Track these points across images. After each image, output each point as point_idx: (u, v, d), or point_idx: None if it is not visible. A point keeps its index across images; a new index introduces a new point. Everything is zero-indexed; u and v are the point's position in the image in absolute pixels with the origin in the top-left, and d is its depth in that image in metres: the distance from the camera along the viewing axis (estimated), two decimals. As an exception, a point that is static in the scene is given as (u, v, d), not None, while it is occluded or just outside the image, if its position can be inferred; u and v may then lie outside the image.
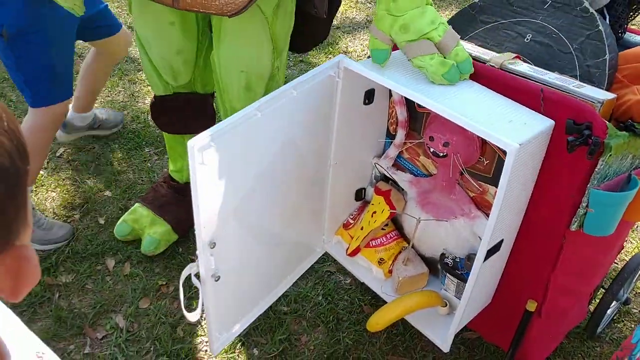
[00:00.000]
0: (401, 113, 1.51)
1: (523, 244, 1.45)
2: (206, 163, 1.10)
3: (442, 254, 1.53)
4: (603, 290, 1.82)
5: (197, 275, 1.27)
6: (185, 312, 1.27)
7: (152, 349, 1.82)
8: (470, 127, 1.18)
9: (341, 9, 3.62)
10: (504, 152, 1.17)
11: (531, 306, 1.49)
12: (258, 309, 1.53)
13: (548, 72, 1.39)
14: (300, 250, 1.63)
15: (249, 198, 1.28)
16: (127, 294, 1.96)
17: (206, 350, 1.83)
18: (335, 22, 3.51)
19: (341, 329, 1.90)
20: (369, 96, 1.50)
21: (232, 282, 1.33)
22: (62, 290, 1.97)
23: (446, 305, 1.52)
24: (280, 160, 1.33)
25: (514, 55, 1.45)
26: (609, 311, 1.85)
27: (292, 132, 1.32)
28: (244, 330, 1.84)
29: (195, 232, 1.18)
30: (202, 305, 1.28)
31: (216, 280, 1.27)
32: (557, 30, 1.46)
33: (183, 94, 1.86)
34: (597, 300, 1.84)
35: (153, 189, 2.18)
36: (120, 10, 3.53)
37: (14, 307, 1.88)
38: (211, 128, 1.09)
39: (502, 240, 1.35)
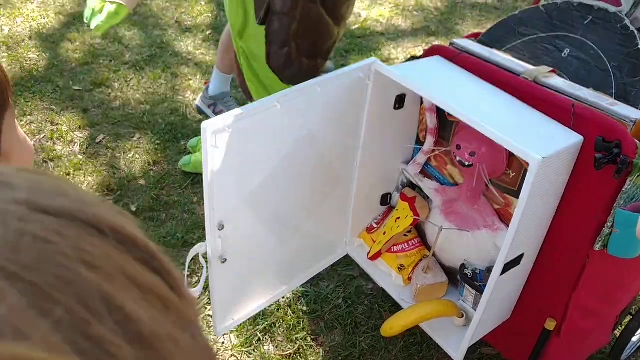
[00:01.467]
0: (431, 120, 1.51)
1: (546, 260, 1.42)
2: (219, 146, 1.12)
3: (462, 265, 1.51)
4: (630, 317, 1.77)
5: (205, 256, 1.29)
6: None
7: (171, 336, 1.85)
8: (494, 137, 1.17)
9: (387, 15, 3.63)
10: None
11: (550, 325, 1.46)
12: (268, 299, 1.55)
13: (583, 88, 1.37)
14: (319, 249, 1.63)
15: (264, 187, 1.30)
16: (151, 281, 2.01)
17: (223, 342, 1.85)
18: (380, 28, 3.52)
19: (358, 333, 1.90)
20: (400, 101, 1.50)
21: (239, 266, 1.35)
22: (90, 271, 2.02)
23: (463, 316, 1.50)
24: (301, 155, 1.34)
25: (550, 69, 1.43)
26: (634, 338, 1.80)
27: (314, 128, 1.33)
28: (262, 326, 1.87)
29: (205, 212, 1.21)
30: (203, 284, 1.31)
31: (222, 262, 1.29)
32: (596, 47, 1.44)
33: None
34: (623, 326, 1.79)
35: None
36: None
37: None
38: (227, 113, 1.12)
39: (522, 255, 1.34)
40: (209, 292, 1.40)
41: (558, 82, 1.37)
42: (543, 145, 1.17)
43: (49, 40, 3.16)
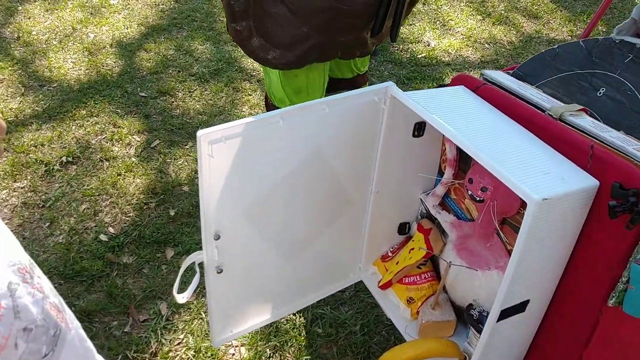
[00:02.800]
0: (450, 151, 1.46)
1: (557, 311, 1.33)
2: (215, 156, 1.13)
3: (470, 305, 1.44)
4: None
5: (201, 265, 1.31)
6: (175, 292, 1.31)
7: (184, 340, 1.89)
8: (495, 172, 1.11)
9: (457, 45, 3.56)
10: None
11: (559, 381, 1.36)
12: (271, 316, 1.53)
13: (612, 130, 1.28)
14: (329, 271, 1.61)
15: (265, 202, 1.29)
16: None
17: (233, 354, 1.86)
18: (447, 58, 3.46)
19: (369, 364, 1.85)
20: (420, 129, 1.46)
21: (237, 278, 1.35)
22: (120, 269, 2.10)
23: (465, 359, 1.42)
24: (308, 174, 1.33)
25: (580, 107, 1.34)
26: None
27: (323, 148, 1.32)
28: (273, 342, 1.86)
29: (201, 221, 1.22)
30: (192, 291, 1.31)
31: (219, 273, 1.29)
32: (634, 87, 1.34)
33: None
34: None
35: None
36: None
37: (73, 277, 2.04)
38: (226, 124, 1.13)
39: (527, 301, 1.25)
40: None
41: (585, 121, 1.29)
42: (548, 186, 1.10)
43: (127, 49, 3.35)
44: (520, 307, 1.25)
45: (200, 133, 1.10)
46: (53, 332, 0.83)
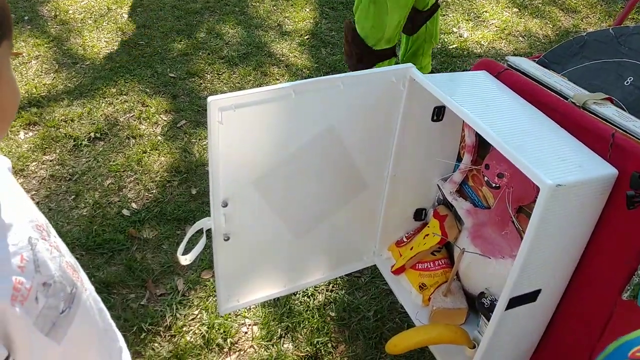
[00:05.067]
0: (469, 136, 1.44)
1: (571, 302, 1.30)
2: (224, 123, 1.13)
3: (482, 293, 1.42)
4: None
5: (209, 233, 1.32)
6: (179, 254, 1.33)
7: (198, 317, 1.91)
8: (510, 156, 1.09)
9: (490, 37, 3.50)
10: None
11: (570, 375, 1.33)
12: (279, 290, 1.54)
13: (637, 119, 1.24)
14: (341, 252, 1.60)
15: (275, 174, 1.29)
16: (194, 262, 2.06)
17: (245, 332, 1.88)
18: (479, 50, 3.41)
19: (380, 349, 1.84)
20: (439, 113, 1.44)
21: (244, 247, 1.35)
22: (141, 244, 2.14)
23: (474, 347, 1.41)
24: (320, 151, 1.32)
25: (605, 96, 1.31)
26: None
27: (336, 125, 1.31)
28: (285, 323, 1.86)
29: (210, 187, 1.23)
30: (196, 256, 1.32)
31: (226, 240, 1.30)
32: (662, 77, 1.30)
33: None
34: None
35: None
36: None
37: (94, 249, 2.09)
38: (238, 92, 1.13)
39: (538, 291, 1.23)
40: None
41: (609, 110, 1.26)
42: (564, 172, 1.08)
43: (159, 30, 3.39)
44: (531, 297, 1.23)
45: (210, 99, 1.11)
46: (70, 290, 0.85)
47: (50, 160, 2.47)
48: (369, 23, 2.30)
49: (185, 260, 1.31)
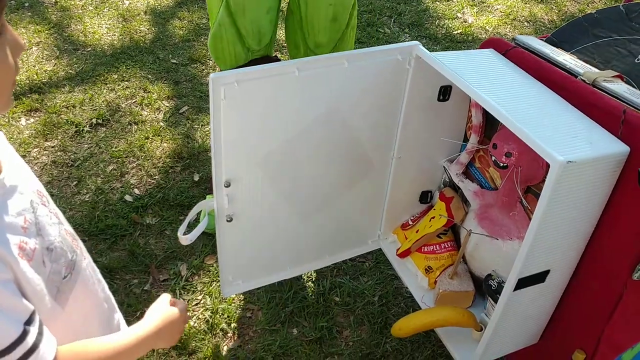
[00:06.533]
0: (476, 116, 1.41)
1: (580, 284, 1.28)
2: (227, 100, 1.11)
3: (489, 275, 1.40)
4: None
5: (211, 213, 1.30)
6: (180, 234, 1.31)
7: (201, 302, 1.90)
8: (519, 133, 1.07)
9: (494, 23, 3.47)
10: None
11: (578, 358, 1.32)
12: (282, 274, 1.53)
13: (648, 97, 1.22)
14: (346, 235, 1.59)
15: (278, 154, 1.27)
16: (197, 248, 2.06)
17: (250, 317, 1.86)
18: (484, 35, 3.37)
19: (386, 334, 1.82)
20: (445, 92, 1.42)
21: (247, 229, 1.34)
22: (144, 229, 2.12)
23: (481, 329, 1.39)
24: (324, 131, 1.30)
25: (615, 73, 1.28)
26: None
27: (340, 104, 1.28)
28: (290, 308, 1.85)
29: (212, 167, 1.21)
30: (197, 235, 1.31)
31: (229, 221, 1.28)
32: (674, 54, 1.27)
33: (258, 60, 1.90)
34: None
35: None
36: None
37: (97, 234, 2.07)
38: (240, 69, 1.11)
39: (547, 271, 1.21)
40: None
41: (620, 87, 1.23)
42: (575, 149, 1.06)
43: (161, 16, 3.36)
44: (540, 277, 1.21)
45: (213, 75, 1.08)
46: (70, 257, 0.87)
47: (52, 147, 2.45)
48: None
49: (186, 240, 1.30)
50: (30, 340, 0.71)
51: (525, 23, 3.51)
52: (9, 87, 0.76)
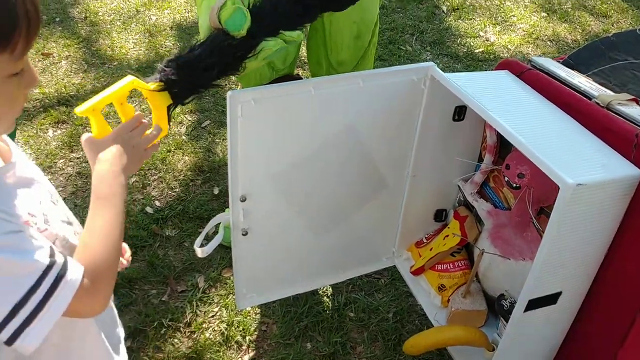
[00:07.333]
0: (490, 137, 1.42)
1: (593, 306, 1.28)
2: (244, 118, 1.14)
3: (502, 295, 1.40)
4: None
5: (227, 226, 1.34)
6: (196, 246, 1.34)
7: (218, 314, 1.92)
8: (529, 154, 1.08)
9: (517, 42, 3.47)
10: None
11: (591, 381, 1.31)
12: (296, 288, 1.55)
13: (663, 121, 1.22)
14: (360, 251, 1.60)
15: (293, 171, 1.30)
16: (215, 260, 2.10)
17: (264, 330, 1.88)
18: (505, 54, 3.38)
19: (399, 351, 1.83)
20: (460, 113, 1.43)
21: (263, 243, 1.37)
22: (163, 241, 2.16)
23: (493, 349, 1.39)
24: (339, 148, 1.33)
25: (631, 97, 1.29)
26: None
27: (356, 123, 1.31)
28: (305, 322, 1.87)
29: (228, 181, 1.24)
30: (213, 249, 1.34)
31: (244, 235, 1.31)
32: (690, 78, 1.27)
33: (280, 78, 1.90)
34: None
35: None
36: None
37: (119, 243, 2.12)
38: (257, 87, 1.14)
39: (559, 293, 1.21)
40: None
41: (634, 111, 1.23)
42: (586, 171, 1.06)
43: (186, 32, 3.44)
44: (551, 299, 1.21)
45: (230, 93, 1.12)
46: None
47: (77, 158, 2.52)
48: None
49: (202, 252, 1.33)
50: (56, 269, 0.75)
51: (548, 42, 3.50)
52: (14, 116, 0.80)
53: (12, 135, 2.07)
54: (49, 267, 0.74)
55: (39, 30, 0.76)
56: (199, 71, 1.00)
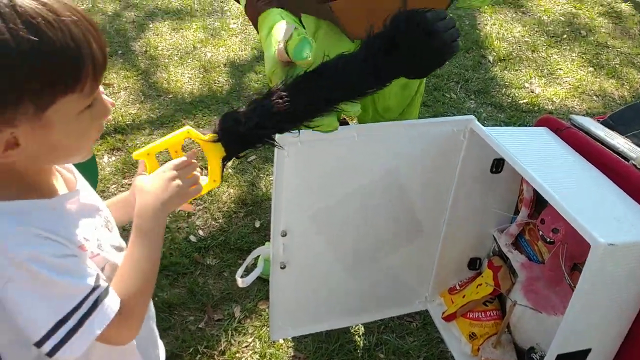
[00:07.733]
0: (527, 190, 1.46)
1: (623, 366, 1.28)
2: (290, 157, 1.22)
3: (532, 348, 1.42)
4: None
5: (267, 259, 1.40)
6: (238, 277, 1.40)
7: (251, 344, 1.98)
8: (563, 211, 1.12)
9: (562, 95, 3.49)
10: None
11: None
12: (329, 323, 1.59)
13: (700, 186, 1.24)
14: (393, 293, 1.64)
15: (333, 211, 1.36)
16: (252, 292, 2.16)
17: (294, 365, 1.93)
18: (550, 106, 3.40)
19: (427, 396, 1.84)
20: (498, 165, 1.48)
21: (299, 277, 1.42)
22: (204, 269, 2.24)
23: (520, 402, 1.40)
24: (379, 193, 1.39)
25: (668, 160, 1.31)
26: None
27: (396, 169, 1.37)
28: (336, 358, 1.90)
29: (271, 216, 1.31)
30: (252, 280, 1.40)
31: (282, 268, 1.38)
32: None
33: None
34: None
35: None
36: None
37: (161, 270, 2.20)
38: (305, 133, 1.21)
39: (588, 350, 1.23)
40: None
41: (671, 175, 1.26)
42: (618, 232, 1.09)
43: (239, 69, 3.59)
44: (581, 356, 1.23)
45: (279, 135, 1.20)
46: None
47: (129, 184, 2.65)
48: None
49: (242, 282, 1.39)
50: (96, 293, 0.81)
51: (594, 97, 3.51)
52: (91, 145, 0.88)
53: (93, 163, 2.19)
54: (93, 290, 0.81)
55: (105, 68, 0.80)
56: (252, 129, 1.05)
